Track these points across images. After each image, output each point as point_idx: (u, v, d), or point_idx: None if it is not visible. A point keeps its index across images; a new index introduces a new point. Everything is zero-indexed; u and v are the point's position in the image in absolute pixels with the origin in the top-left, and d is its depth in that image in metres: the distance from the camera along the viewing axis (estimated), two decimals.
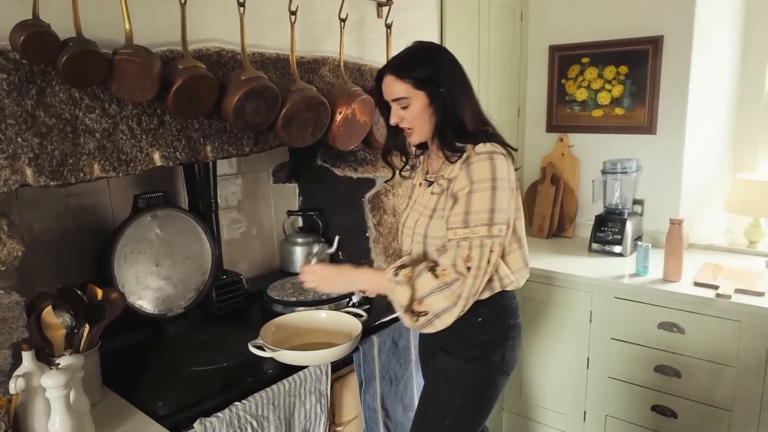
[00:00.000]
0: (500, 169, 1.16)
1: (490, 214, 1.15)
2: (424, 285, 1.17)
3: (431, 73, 1.21)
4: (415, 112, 1.24)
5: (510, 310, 1.32)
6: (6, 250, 1.02)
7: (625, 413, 2.09)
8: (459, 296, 1.16)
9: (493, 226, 1.16)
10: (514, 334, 1.33)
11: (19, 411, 1.01)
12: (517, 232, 1.26)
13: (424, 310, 1.18)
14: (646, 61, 2.33)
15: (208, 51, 1.33)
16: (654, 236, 2.39)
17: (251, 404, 1.22)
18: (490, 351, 1.29)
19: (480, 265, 1.16)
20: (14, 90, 1.03)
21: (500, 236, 1.17)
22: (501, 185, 1.16)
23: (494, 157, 1.17)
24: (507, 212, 1.18)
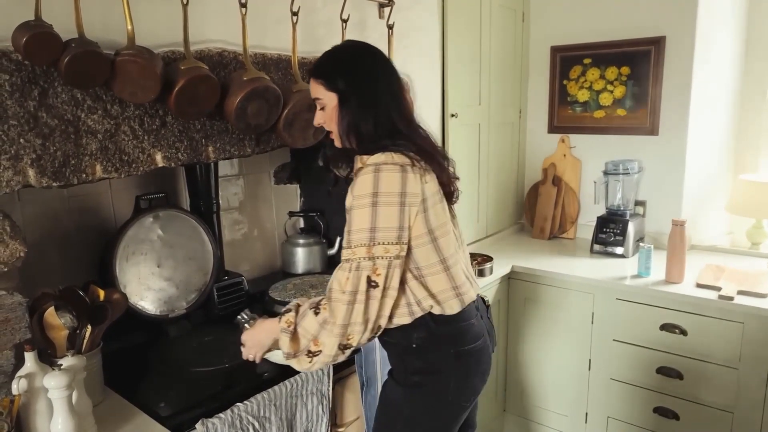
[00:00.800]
0: (386, 182, 1.05)
1: (369, 234, 1.05)
2: (309, 327, 1.10)
3: (342, 77, 1.15)
4: (328, 113, 1.18)
5: (448, 338, 1.17)
6: (8, 251, 1.02)
7: (627, 415, 2.08)
8: (337, 324, 1.06)
9: (373, 246, 1.05)
10: (463, 363, 1.18)
11: (22, 412, 1.01)
12: (441, 251, 1.13)
13: (319, 348, 1.09)
14: (648, 61, 2.33)
15: (209, 52, 1.33)
16: (656, 237, 2.39)
17: (253, 405, 1.22)
18: (428, 378, 1.18)
19: (356, 289, 1.05)
20: (17, 91, 1.04)
21: (386, 257, 1.06)
22: (385, 201, 1.05)
23: (381, 169, 1.06)
24: (397, 230, 1.06)
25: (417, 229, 1.10)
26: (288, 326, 1.12)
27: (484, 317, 1.28)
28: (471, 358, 1.20)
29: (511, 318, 2.32)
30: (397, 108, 1.17)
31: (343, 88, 1.15)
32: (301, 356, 1.11)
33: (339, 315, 1.06)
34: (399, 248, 1.07)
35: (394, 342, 1.21)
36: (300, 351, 1.11)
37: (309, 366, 1.12)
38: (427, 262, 1.13)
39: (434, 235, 1.12)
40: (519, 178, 2.78)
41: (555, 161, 2.64)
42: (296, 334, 1.11)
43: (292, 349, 1.11)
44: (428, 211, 1.11)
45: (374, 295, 1.07)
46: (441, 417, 1.22)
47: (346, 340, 1.08)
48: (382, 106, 1.14)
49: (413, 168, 1.09)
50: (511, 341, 2.34)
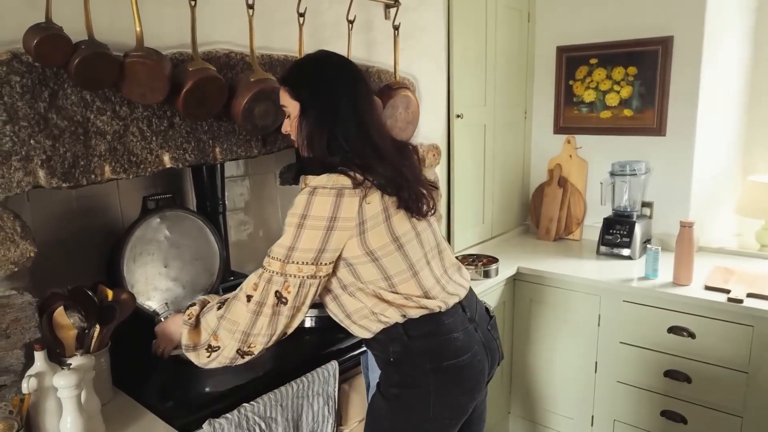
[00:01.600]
0: (317, 207, 1.05)
1: (287, 251, 1.06)
2: (211, 320, 1.11)
3: (303, 85, 1.14)
4: (293, 122, 1.17)
5: (425, 352, 1.15)
6: (19, 251, 1.03)
7: (633, 418, 2.07)
8: (237, 329, 1.08)
9: (287, 264, 1.06)
10: (442, 379, 1.15)
11: (32, 411, 1.02)
12: (385, 270, 1.12)
13: (218, 344, 1.10)
14: (655, 61, 2.32)
15: (217, 53, 1.34)
16: (663, 239, 2.37)
17: (260, 406, 1.22)
18: (407, 393, 1.17)
19: (264, 301, 1.06)
20: (27, 92, 1.05)
21: (298, 276, 1.06)
22: (310, 224, 1.05)
23: (316, 192, 1.06)
24: (315, 252, 1.06)
25: (352, 251, 1.09)
26: (189, 318, 1.14)
27: (480, 330, 1.24)
28: (453, 374, 1.16)
29: (517, 320, 2.31)
30: (357, 124, 1.13)
31: (304, 98, 1.14)
32: (201, 350, 1.13)
33: (242, 321, 1.08)
34: (314, 269, 1.08)
35: (376, 354, 1.22)
36: (200, 344, 1.13)
37: (207, 361, 1.13)
38: (370, 278, 1.12)
39: (374, 255, 1.10)
40: (524, 179, 2.77)
41: (561, 162, 2.64)
42: (198, 327, 1.13)
43: (191, 342, 1.13)
44: (366, 233, 1.08)
45: (282, 311, 1.08)
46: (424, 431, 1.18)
47: (247, 347, 1.10)
48: (340, 121, 1.12)
49: (352, 191, 1.06)
50: (516, 343, 2.33)
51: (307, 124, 1.14)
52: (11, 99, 1.03)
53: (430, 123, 2.07)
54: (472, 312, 1.24)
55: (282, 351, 1.45)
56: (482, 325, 1.26)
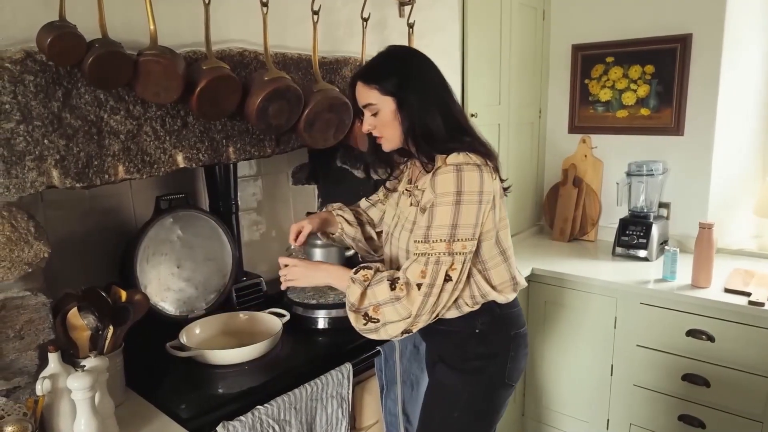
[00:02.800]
0: (468, 181, 1.10)
1: (451, 230, 1.10)
2: (379, 293, 1.14)
3: (398, 79, 1.16)
4: (384, 119, 1.19)
5: (510, 321, 1.27)
6: (33, 251, 1.02)
7: (650, 422, 2.03)
8: (410, 313, 1.11)
9: (453, 242, 1.11)
10: (516, 344, 1.28)
11: (45, 412, 1.01)
12: (501, 243, 1.21)
13: (378, 317, 1.14)
14: (673, 60, 2.27)
15: (230, 52, 1.32)
16: (680, 240, 2.33)
17: (273, 408, 1.21)
18: (489, 363, 1.25)
19: (434, 282, 1.11)
20: (41, 92, 1.04)
21: (463, 253, 1.12)
22: (467, 199, 1.10)
23: (462, 168, 1.10)
24: (473, 227, 1.12)
25: (487, 225, 1.16)
26: (364, 280, 1.15)
27: None
28: (522, 339, 1.30)
29: (531, 321, 2.28)
30: (453, 104, 1.20)
31: (399, 90, 1.16)
32: (360, 315, 1.15)
33: (415, 305, 1.11)
34: (473, 244, 1.14)
35: (453, 330, 1.25)
36: (361, 309, 1.15)
37: (362, 327, 1.16)
38: (490, 254, 1.20)
39: (498, 228, 1.19)
40: (538, 179, 2.74)
41: (576, 162, 2.60)
42: (365, 291, 1.14)
43: (358, 303, 1.15)
44: (497, 207, 1.17)
45: (447, 288, 1.13)
46: (497, 399, 1.28)
47: (411, 327, 1.14)
48: (442, 103, 1.17)
49: (486, 166, 1.13)
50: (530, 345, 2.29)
51: (409, 114, 1.16)
52: (25, 98, 1.02)
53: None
54: None
55: (295, 352, 1.45)
56: None
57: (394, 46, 1.26)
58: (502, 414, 1.33)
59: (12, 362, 1.02)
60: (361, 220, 1.51)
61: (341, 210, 1.48)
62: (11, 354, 1.02)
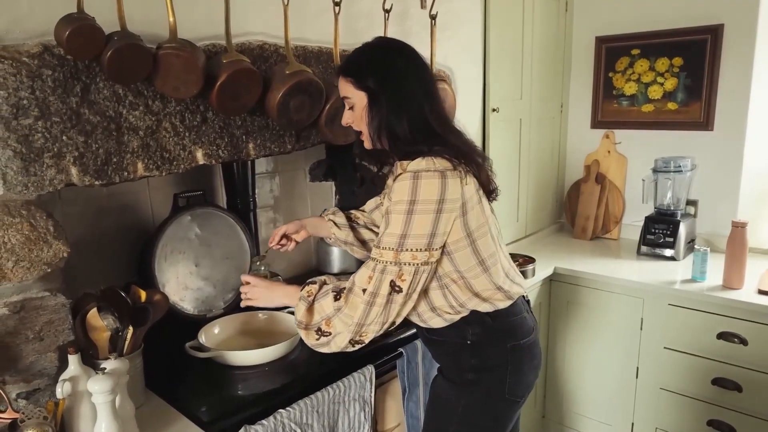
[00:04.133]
0: (424, 190, 1.03)
1: (399, 239, 1.04)
2: (325, 306, 1.10)
3: (373, 75, 1.10)
4: (357, 113, 1.14)
5: (505, 332, 1.18)
6: (52, 251, 1.00)
7: (677, 427, 1.97)
8: (353, 321, 1.06)
9: (401, 252, 1.04)
10: (517, 357, 1.18)
11: (66, 416, 0.99)
12: (479, 252, 1.11)
13: (330, 330, 1.10)
14: (703, 51, 2.19)
15: (250, 45, 1.29)
16: (708, 239, 2.26)
17: (295, 412, 1.18)
18: (483, 375, 1.17)
19: (377, 291, 1.05)
20: (59, 87, 1.01)
21: (413, 264, 1.05)
22: (420, 208, 1.03)
23: (419, 176, 1.04)
24: (427, 237, 1.05)
25: (455, 234, 1.09)
26: (308, 296, 1.12)
27: (530, 312, 1.27)
28: (525, 351, 1.19)
29: (553, 321, 2.23)
30: (431, 108, 1.12)
31: (372, 86, 1.10)
32: (311, 331, 1.12)
33: (356, 313, 1.07)
34: (428, 255, 1.06)
35: (445, 340, 1.20)
36: (311, 325, 1.12)
37: (316, 343, 1.12)
38: (466, 266, 1.12)
39: (472, 237, 1.10)
40: (559, 175, 2.67)
41: (598, 158, 2.53)
42: (312, 306, 1.11)
43: (305, 320, 1.12)
44: (467, 214, 1.09)
45: (396, 299, 1.07)
46: (496, 413, 1.20)
47: (359, 336, 1.09)
48: (415, 106, 1.10)
49: (453, 172, 1.06)
50: (552, 346, 2.25)
51: (378, 113, 1.10)
52: (43, 94, 0.99)
53: (465, 117, 1.99)
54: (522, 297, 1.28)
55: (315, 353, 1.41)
56: (529, 309, 1.29)
57: (380, 38, 1.20)
58: (508, 429, 1.24)
59: (32, 364, 1.00)
60: (357, 223, 1.45)
61: (333, 214, 1.44)
62: (31, 356, 1.00)
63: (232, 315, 1.52)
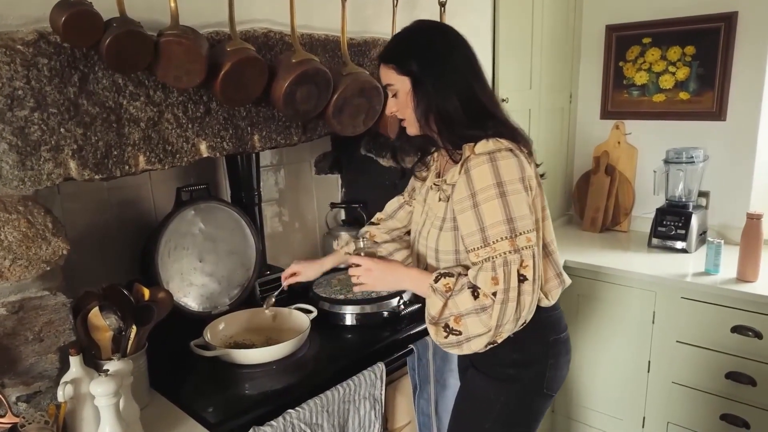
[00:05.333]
0: (506, 170, 1.00)
1: (508, 225, 0.99)
2: (462, 303, 1.03)
3: (415, 58, 1.07)
4: (401, 99, 1.11)
5: (548, 325, 1.16)
6: (51, 249, 0.95)
7: (689, 421, 1.94)
8: (491, 324, 1.01)
9: (516, 238, 0.99)
10: (556, 351, 1.18)
11: (68, 419, 0.96)
12: (544, 236, 1.09)
13: (460, 329, 1.04)
14: (716, 40, 2.13)
15: (255, 32, 1.24)
16: (720, 231, 2.22)
17: (305, 412, 1.14)
18: (524, 370, 1.15)
19: (508, 287, 0.99)
20: (56, 76, 0.96)
21: (529, 247, 1.00)
22: (511, 189, 1.00)
23: (496, 157, 1.00)
24: (530, 217, 1.02)
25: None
26: (446, 291, 1.04)
27: None
28: (563, 345, 1.20)
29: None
30: (481, 87, 1.09)
31: (415, 69, 1.07)
32: (440, 327, 1.05)
33: (494, 316, 1.00)
34: (536, 235, 1.03)
35: None
36: (440, 320, 1.05)
37: (444, 342, 1.05)
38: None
39: (539, 218, 1.07)
40: (568, 167, 2.62)
41: (608, 149, 2.48)
42: (447, 302, 1.04)
43: (438, 315, 1.05)
44: (536, 195, 1.06)
45: (525, 289, 1.01)
46: (533, 409, 1.19)
47: (495, 338, 1.03)
48: (464, 85, 1.06)
49: (520, 152, 1.04)
50: None
51: (424, 96, 1.06)
52: (39, 83, 0.95)
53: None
54: None
55: (323, 351, 1.38)
56: None
57: (419, 21, 1.15)
58: (538, 424, 1.23)
59: (32, 366, 0.96)
60: (375, 242, 1.39)
61: (347, 245, 1.42)
62: (31, 357, 0.96)
63: (237, 311, 1.49)
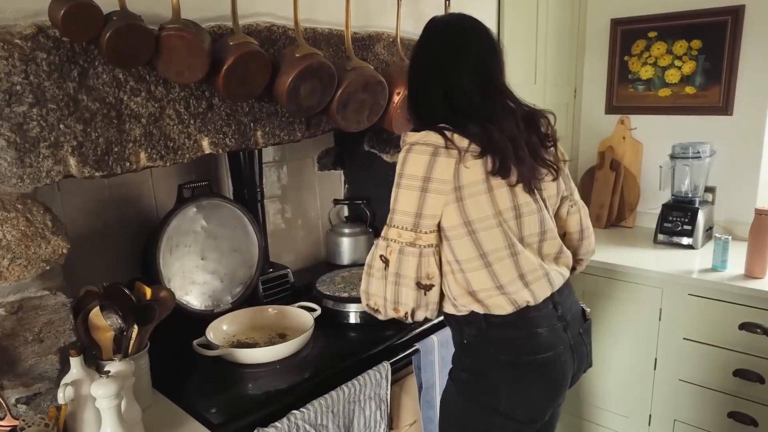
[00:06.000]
0: (412, 164, 0.98)
1: (390, 214, 1.03)
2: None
3: (416, 45, 1.13)
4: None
5: (501, 342, 1.07)
6: (50, 247, 0.93)
7: (696, 419, 1.93)
8: (363, 291, 1.09)
9: (390, 228, 1.03)
10: (516, 374, 1.06)
11: (68, 422, 0.94)
12: (480, 245, 1.00)
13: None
14: (723, 33, 2.11)
15: (257, 26, 1.21)
16: (726, 227, 2.19)
17: (310, 412, 1.12)
18: (475, 380, 1.09)
19: (372, 264, 1.05)
20: (55, 71, 0.94)
21: (397, 241, 1.00)
22: (405, 183, 0.99)
23: (412, 149, 0.99)
24: (413, 217, 0.99)
25: (451, 219, 1.00)
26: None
27: (570, 331, 1.12)
28: (530, 370, 1.06)
29: None
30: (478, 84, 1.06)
31: (411, 58, 1.13)
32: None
33: (362, 281, 1.09)
34: (414, 236, 1.00)
35: (453, 331, 1.17)
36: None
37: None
38: (465, 256, 1.02)
39: (472, 227, 1.00)
40: (572, 162, 2.60)
41: (613, 144, 2.45)
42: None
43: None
44: (464, 200, 0.98)
45: (387, 276, 1.03)
46: (492, 427, 1.10)
47: (373, 304, 1.08)
48: (452, 81, 1.05)
49: (448, 151, 0.97)
50: None
51: (409, 83, 1.12)
52: (37, 79, 0.92)
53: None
54: (565, 310, 1.12)
55: (328, 350, 1.36)
56: (573, 326, 1.14)
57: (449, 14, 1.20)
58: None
59: (31, 367, 0.95)
60: None
61: None
62: (30, 359, 0.94)
63: (240, 310, 1.47)
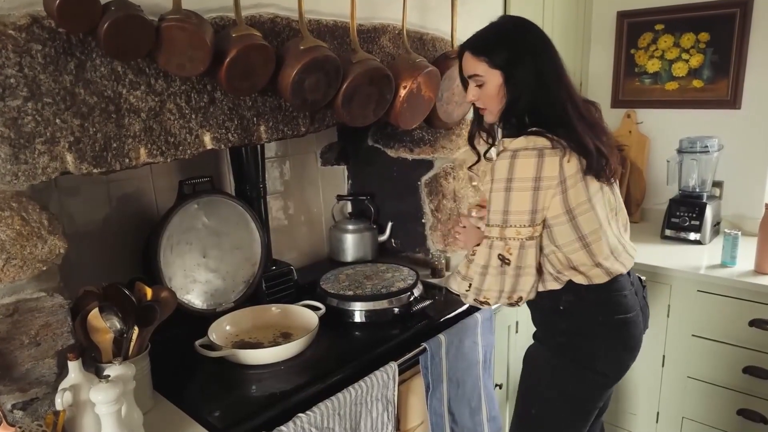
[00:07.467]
0: (521, 168, 1.10)
1: (503, 216, 1.13)
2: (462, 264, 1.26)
3: (507, 54, 1.15)
4: (489, 91, 1.19)
5: (598, 304, 1.21)
6: (47, 247, 0.90)
7: (705, 416, 1.91)
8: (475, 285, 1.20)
9: (506, 228, 1.14)
10: (609, 331, 1.22)
11: (67, 427, 0.91)
12: (579, 228, 1.15)
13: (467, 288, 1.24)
14: (731, 26, 2.07)
15: (261, 18, 1.17)
16: (734, 222, 2.16)
17: (316, 415, 1.10)
18: (575, 341, 1.23)
19: (487, 264, 1.17)
20: (51, 64, 0.90)
21: (517, 239, 1.13)
22: (518, 186, 1.11)
23: (518, 155, 1.10)
24: (529, 213, 1.12)
25: (554, 210, 1.12)
26: (471, 253, 1.24)
27: (639, 294, 1.28)
28: (621, 328, 1.22)
29: None
30: (559, 86, 1.15)
31: (508, 65, 1.14)
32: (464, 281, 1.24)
33: (475, 280, 1.20)
34: (531, 230, 1.13)
35: (541, 304, 1.26)
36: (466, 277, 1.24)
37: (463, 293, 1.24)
38: (564, 240, 1.16)
39: (573, 214, 1.13)
40: None
41: (619, 138, 2.42)
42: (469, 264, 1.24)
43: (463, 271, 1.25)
44: (568, 191, 1.11)
45: (507, 271, 1.15)
46: (587, 384, 1.24)
47: (483, 298, 1.20)
48: (544, 85, 1.14)
49: (552, 150, 1.09)
50: None
51: (512, 91, 1.16)
52: (32, 71, 0.89)
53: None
54: (633, 277, 1.29)
55: (333, 350, 1.33)
56: (639, 291, 1.30)
57: (508, 17, 1.23)
58: (596, 407, 1.30)
59: (28, 371, 0.91)
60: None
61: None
62: (27, 362, 0.91)
63: (243, 309, 1.44)
